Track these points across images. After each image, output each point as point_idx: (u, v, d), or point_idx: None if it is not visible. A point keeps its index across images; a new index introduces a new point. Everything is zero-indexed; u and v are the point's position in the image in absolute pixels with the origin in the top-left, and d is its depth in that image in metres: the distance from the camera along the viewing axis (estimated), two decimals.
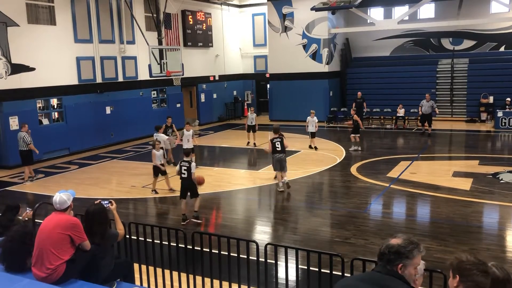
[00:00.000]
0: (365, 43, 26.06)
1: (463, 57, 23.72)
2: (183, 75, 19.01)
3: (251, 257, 5.78)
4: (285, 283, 5.65)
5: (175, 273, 6.06)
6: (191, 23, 23.72)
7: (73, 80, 17.78)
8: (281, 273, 6.00)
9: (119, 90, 19.79)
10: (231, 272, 5.82)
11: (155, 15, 18.99)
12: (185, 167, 9.47)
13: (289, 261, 5.55)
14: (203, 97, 25.32)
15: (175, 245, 6.51)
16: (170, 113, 18.63)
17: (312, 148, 17.01)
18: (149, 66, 17.18)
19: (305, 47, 24.61)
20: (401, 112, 21.82)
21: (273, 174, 12.70)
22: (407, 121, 21.88)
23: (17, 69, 15.67)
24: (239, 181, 13.42)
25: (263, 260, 5.56)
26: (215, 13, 25.93)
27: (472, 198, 10.61)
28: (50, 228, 4.67)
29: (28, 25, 15.99)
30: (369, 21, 24.65)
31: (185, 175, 9.50)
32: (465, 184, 11.70)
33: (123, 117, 19.80)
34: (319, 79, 24.28)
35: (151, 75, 17.55)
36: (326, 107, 24.23)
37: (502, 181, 11.92)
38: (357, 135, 16.50)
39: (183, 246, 6.02)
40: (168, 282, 6.19)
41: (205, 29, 24.80)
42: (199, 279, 6.22)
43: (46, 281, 4.57)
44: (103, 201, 5.34)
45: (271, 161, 12.34)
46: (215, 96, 26.09)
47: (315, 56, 24.45)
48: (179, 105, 23.32)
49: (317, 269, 5.16)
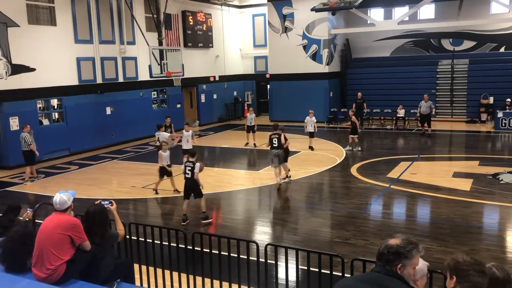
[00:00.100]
0: (365, 44, 26.06)
1: (463, 57, 23.73)
2: (183, 75, 19.01)
3: (251, 258, 5.79)
4: (285, 283, 5.66)
5: (175, 274, 6.06)
6: (191, 23, 23.74)
7: (73, 80, 17.79)
8: (281, 274, 6.01)
9: (119, 90, 19.80)
10: (231, 272, 5.82)
11: (155, 16, 19.00)
12: (189, 168, 9.51)
13: (289, 261, 5.55)
14: (203, 98, 25.33)
15: (175, 245, 6.52)
16: (170, 114, 18.62)
17: (309, 148, 17.00)
18: (150, 66, 17.19)
19: (305, 48, 24.62)
20: (401, 112, 21.83)
21: (273, 174, 12.73)
22: (407, 122, 21.89)
23: (18, 69, 15.68)
24: (239, 181, 13.43)
25: (263, 260, 5.56)
26: (215, 13, 25.94)
27: (472, 198, 10.61)
28: (50, 228, 4.67)
29: (28, 26, 16.00)
30: (369, 22, 24.67)
31: (188, 175, 9.53)
32: (465, 184, 11.70)
33: (123, 117, 19.80)
34: (319, 80, 24.28)
35: (151, 76, 17.56)
36: (326, 108, 24.24)
37: (502, 182, 11.92)
38: (355, 135, 16.52)
39: (183, 246, 6.02)
40: (168, 282, 6.19)
41: (205, 29, 24.81)
42: (199, 279, 6.23)
43: (46, 282, 4.57)
44: (103, 202, 5.34)
45: (271, 162, 12.74)
46: (215, 96, 26.10)
47: (315, 56, 24.46)
48: (179, 106, 23.33)
49: (317, 270, 5.17)
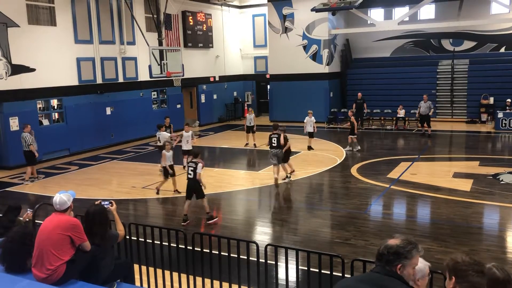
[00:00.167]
0: (365, 44, 26.06)
1: (463, 58, 23.73)
2: (183, 76, 19.00)
3: (251, 258, 5.78)
4: (285, 284, 5.66)
5: (175, 274, 6.06)
6: (192, 24, 23.73)
7: (73, 80, 17.78)
8: (281, 274, 6.01)
9: (119, 90, 19.79)
10: (231, 273, 5.82)
11: (155, 16, 18.99)
12: (192, 168, 9.49)
13: (289, 262, 5.55)
14: (203, 98, 25.32)
15: (175, 246, 6.52)
16: (170, 114, 18.61)
17: (308, 148, 16.98)
18: (149, 67, 17.19)
19: (306, 48, 24.62)
20: (402, 113, 21.83)
21: (273, 175, 12.76)
22: (408, 122, 21.88)
23: (18, 69, 15.67)
24: (239, 182, 13.42)
25: (263, 261, 5.56)
26: (215, 14, 25.94)
27: (472, 199, 10.61)
28: (50, 229, 4.67)
29: (28, 26, 16.00)
30: (369, 22, 24.67)
31: (191, 175, 9.52)
32: (466, 185, 11.69)
33: (123, 117, 19.79)
34: (320, 80, 24.27)
35: (151, 76, 17.56)
36: (326, 108, 24.23)
37: (502, 182, 11.91)
38: (353, 136, 16.53)
39: (183, 247, 6.02)
40: (168, 283, 6.19)
41: (205, 30, 24.81)
42: (199, 280, 6.23)
43: (46, 282, 4.57)
44: (103, 202, 5.33)
45: (271, 162, 12.81)
46: (215, 97, 26.09)
47: (316, 57, 24.45)
48: (179, 106, 23.32)
49: (318, 270, 5.17)
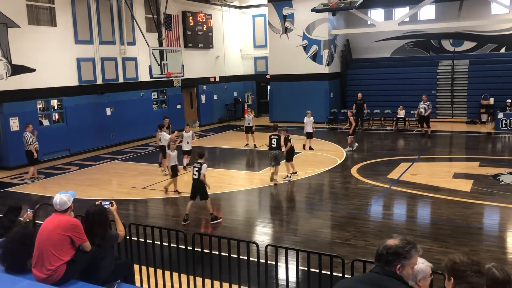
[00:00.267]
0: (366, 45, 26.06)
1: (463, 58, 23.73)
2: (183, 76, 19.00)
3: (251, 258, 5.78)
4: (285, 284, 5.66)
5: (176, 274, 6.06)
6: (192, 24, 23.74)
7: (73, 81, 17.78)
8: (282, 274, 6.01)
9: (120, 91, 19.79)
10: (232, 273, 5.82)
11: (155, 16, 18.99)
12: (197, 168, 9.52)
13: (290, 262, 5.55)
14: (203, 98, 25.33)
15: (175, 246, 6.52)
16: (170, 114, 18.62)
17: (309, 149, 16.96)
18: (150, 67, 17.19)
19: (306, 49, 24.62)
20: (402, 113, 21.82)
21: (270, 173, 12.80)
22: (408, 123, 21.87)
23: (18, 70, 15.67)
24: (240, 182, 13.42)
25: (264, 261, 5.56)
26: (215, 14, 25.94)
27: (472, 199, 10.61)
28: (50, 229, 4.67)
29: (28, 26, 16.00)
30: (369, 23, 24.68)
31: (196, 176, 9.53)
32: (466, 185, 11.69)
33: (123, 118, 19.79)
34: (320, 81, 24.27)
35: (151, 76, 17.56)
36: (326, 109, 24.23)
37: (502, 183, 11.91)
38: (351, 136, 16.57)
39: (184, 247, 6.02)
40: (168, 283, 6.19)
41: (205, 30, 24.81)
42: (199, 280, 6.23)
43: (46, 282, 4.57)
44: (103, 202, 5.34)
45: (269, 162, 12.94)
46: (215, 97, 26.09)
47: (316, 57, 24.45)
48: (179, 106, 23.32)
49: (318, 271, 5.16)
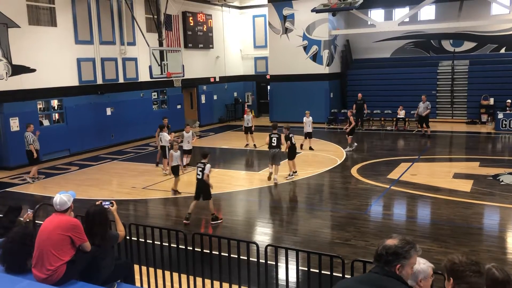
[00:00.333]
0: (366, 45, 26.06)
1: (463, 58, 23.73)
2: (183, 76, 19.01)
3: (251, 259, 5.78)
4: (285, 284, 5.66)
5: (176, 275, 6.06)
6: (192, 24, 23.74)
7: (73, 81, 17.79)
8: (282, 275, 6.01)
9: (120, 91, 19.79)
10: (232, 273, 5.82)
11: (155, 17, 18.99)
12: (200, 168, 9.52)
13: (290, 262, 5.55)
14: (203, 99, 25.33)
15: (175, 246, 6.52)
16: (170, 115, 18.62)
17: (309, 149, 16.98)
18: (150, 67, 17.19)
19: (306, 49, 24.62)
20: (402, 113, 21.82)
21: (273, 175, 12.80)
22: (408, 123, 21.88)
23: (18, 70, 15.67)
24: (240, 182, 13.42)
25: (264, 261, 5.56)
26: (215, 14, 25.95)
27: (472, 199, 10.60)
28: (50, 229, 4.67)
29: (29, 27, 16.00)
30: (369, 23, 24.69)
31: (199, 176, 9.54)
32: (466, 185, 11.69)
33: (123, 118, 19.79)
34: (320, 81, 24.27)
35: (151, 77, 17.56)
36: (326, 109, 24.23)
37: (502, 183, 11.91)
38: (351, 136, 16.62)
39: (184, 247, 6.02)
40: (168, 283, 6.19)
41: (205, 30, 24.81)
42: (199, 280, 6.23)
43: (46, 282, 4.57)
44: (104, 202, 5.34)
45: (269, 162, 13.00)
46: (215, 97, 26.10)
47: (316, 57, 24.46)
48: (179, 107, 23.32)
49: (318, 271, 5.17)
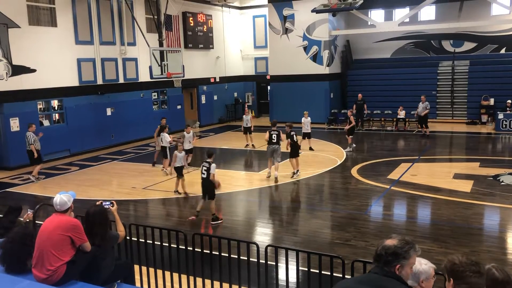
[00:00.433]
0: (366, 45, 26.07)
1: (463, 59, 23.73)
2: (183, 76, 19.02)
3: (251, 259, 5.78)
4: (285, 284, 5.66)
5: (176, 275, 6.06)
6: (192, 24, 23.75)
7: (73, 81, 17.79)
8: (282, 275, 6.01)
9: (120, 91, 19.79)
10: (232, 273, 5.82)
11: (156, 17, 19.00)
12: (205, 168, 9.53)
13: (290, 263, 5.55)
14: (203, 99, 25.33)
15: (175, 246, 6.52)
16: (171, 115, 18.62)
17: (309, 149, 16.97)
18: (150, 67, 17.20)
19: (306, 49, 24.62)
20: (402, 114, 21.82)
21: (273, 175, 12.81)
22: (408, 123, 21.88)
23: (18, 70, 15.68)
24: (240, 182, 13.42)
25: (264, 261, 5.56)
26: (215, 15, 25.95)
27: (472, 200, 10.60)
28: (50, 229, 4.67)
29: (29, 27, 16.00)
30: (369, 23, 24.69)
31: (204, 175, 9.55)
32: (466, 186, 11.69)
33: (123, 118, 19.80)
34: (320, 81, 24.27)
35: (151, 77, 17.57)
36: (326, 109, 24.23)
37: (502, 183, 11.90)
38: (351, 136, 16.64)
39: (184, 247, 6.02)
40: (168, 283, 6.19)
41: (205, 30, 24.82)
42: (199, 280, 6.23)
43: (46, 283, 4.57)
44: (104, 203, 5.34)
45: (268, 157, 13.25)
46: (215, 97, 26.10)
47: (316, 58, 24.46)
48: (179, 107, 23.32)
49: (318, 271, 5.16)
